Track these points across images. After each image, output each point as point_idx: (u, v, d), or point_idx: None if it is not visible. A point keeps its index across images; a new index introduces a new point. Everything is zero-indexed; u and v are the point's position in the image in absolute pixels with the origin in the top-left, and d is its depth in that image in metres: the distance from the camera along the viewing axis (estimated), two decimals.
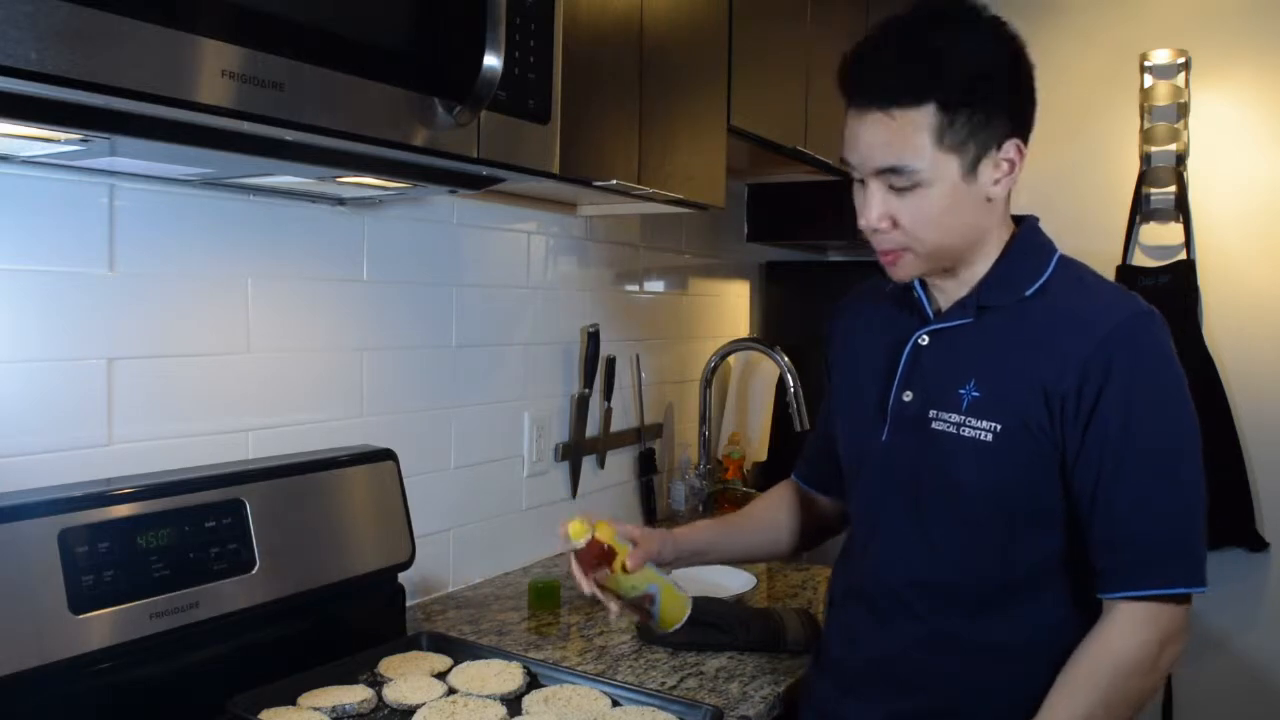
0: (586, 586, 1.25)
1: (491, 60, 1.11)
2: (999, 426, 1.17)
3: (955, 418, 1.20)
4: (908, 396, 1.24)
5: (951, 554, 1.21)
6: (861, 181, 1.18)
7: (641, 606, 1.27)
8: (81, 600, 1.13)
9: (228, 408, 1.46)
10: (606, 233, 2.29)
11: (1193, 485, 1.15)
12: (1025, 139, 1.18)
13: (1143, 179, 2.83)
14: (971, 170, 1.14)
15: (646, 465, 2.46)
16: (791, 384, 2.45)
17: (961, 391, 1.20)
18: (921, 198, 1.14)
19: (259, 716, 1.20)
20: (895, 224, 1.17)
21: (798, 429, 2.43)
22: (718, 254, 2.82)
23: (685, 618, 1.29)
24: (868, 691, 1.26)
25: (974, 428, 1.18)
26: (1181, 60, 2.79)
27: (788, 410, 2.46)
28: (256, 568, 1.32)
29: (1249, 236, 2.78)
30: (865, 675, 1.27)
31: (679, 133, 1.83)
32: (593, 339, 2.17)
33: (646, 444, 2.47)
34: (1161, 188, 2.82)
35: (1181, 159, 2.80)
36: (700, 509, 2.51)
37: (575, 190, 1.81)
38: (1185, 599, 1.14)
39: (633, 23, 1.68)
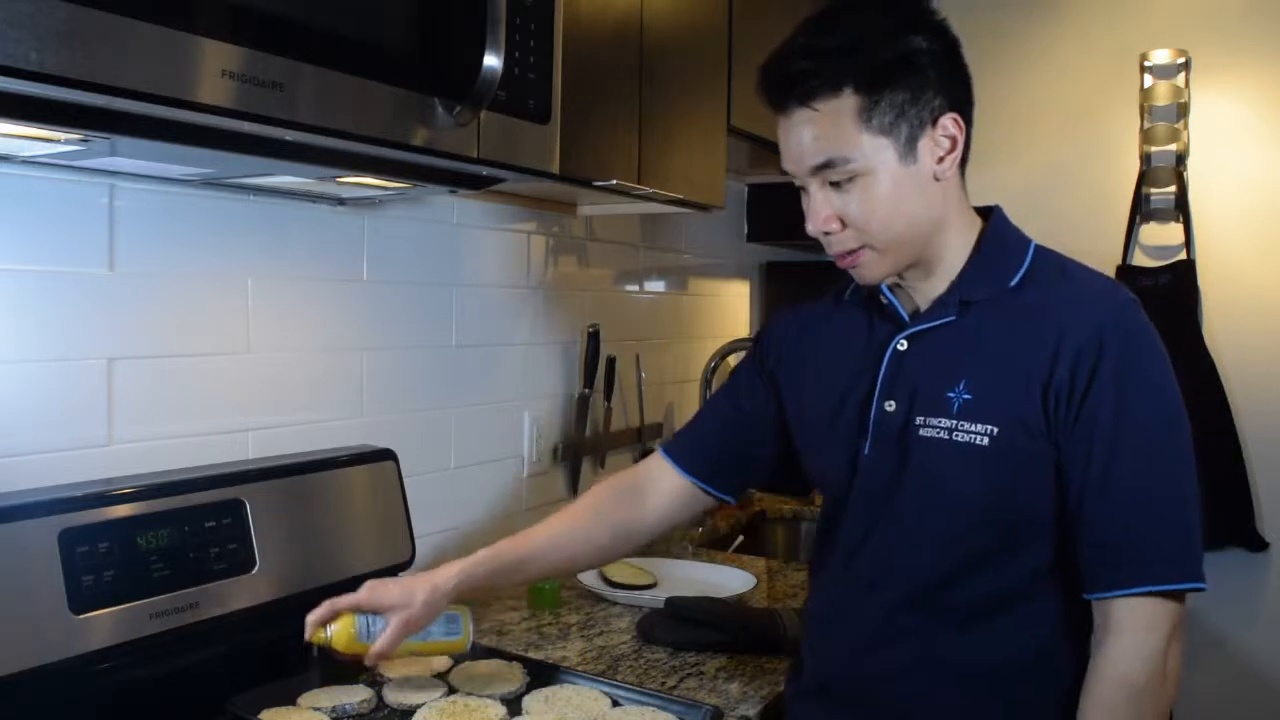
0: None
1: (491, 60, 1.11)
2: (995, 429, 1.11)
3: (945, 423, 1.14)
4: (890, 406, 1.18)
5: (937, 566, 1.16)
6: (805, 189, 1.16)
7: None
8: (81, 600, 1.13)
9: (228, 408, 1.46)
10: (606, 233, 2.29)
11: (1187, 478, 1.10)
12: (965, 114, 1.14)
13: (1143, 179, 2.83)
14: (909, 151, 1.11)
15: None
16: None
17: (951, 395, 1.14)
18: (863, 188, 1.11)
19: (259, 716, 1.20)
20: (844, 223, 1.14)
21: None
22: (718, 254, 2.82)
23: (467, 648, 1.32)
24: (854, 713, 1.22)
25: (967, 432, 1.12)
26: (1181, 60, 2.79)
27: None
28: (256, 568, 1.32)
29: (1249, 236, 2.78)
30: (850, 698, 1.22)
31: (679, 133, 1.83)
32: (593, 339, 2.17)
33: (646, 444, 2.46)
34: (1161, 188, 2.81)
35: (1181, 159, 2.80)
36: None
37: (575, 190, 1.81)
38: (1181, 597, 1.09)
39: (633, 23, 1.69)
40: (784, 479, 1.48)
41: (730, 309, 2.92)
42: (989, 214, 1.22)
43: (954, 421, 1.14)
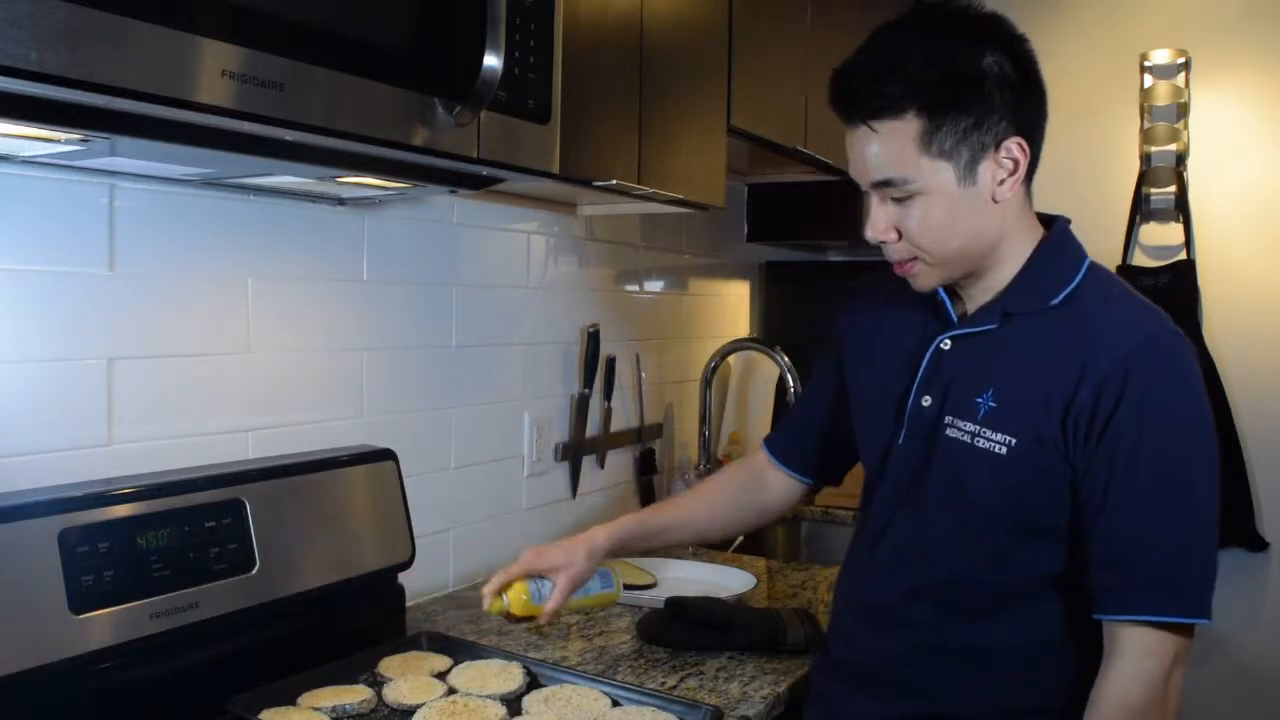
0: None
1: (491, 60, 1.11)
2: (1013, 440, 1.14)
3: (970, 426, 1.17)
4: (926, 401, 1.22)
5: (952, 561, 1.20)
6: (867, 194, 1.17)
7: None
8: (81, 600, 1.13)
9: (228, 408, 1.46)
10: (606, 233, 2.29)
11: (1203, 515, 1.10)
12: (1031, 137, 1.14)
13: (1143, 179, 2.83)
14: (969, 174, 1.12)
15: (646, 465, 2.46)
16: (791, 384, 2.44)
17: (979, 400, 1.17)
18: (921, 207, 1.13)
19: (259, 716, 1.20)
20: (901, 234, 1.16)
21: None
22: (718, 254, 2.82)
23: (619, 598, 1.50)
24: (870, 691, 1.26)
25: (988, 439, 1.15)
26: (1181, 60, 2.79)
27: (788, 410, 2.46)
28: (256, 568, 1.31)
29: (1249, 236, 2.78)
30: (866, 677, 1.27)
31: (679, 133, 1.83)
32: (593, 339, 2.17)
33: (646, 444, 2.47)
34: (1161, 188, 2.81)
35: (1181, 159, 2.80)
36: None
37: (575, 190, 1.81)
38: (1187, 628, 1.10)
39: (633, 23, 1.68)
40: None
41: (730, 309, 2.92)
42: (1053, 221, 1.23)
43: (977, 427, 1.16)
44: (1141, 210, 2.84)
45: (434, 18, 1.11)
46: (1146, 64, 2.83)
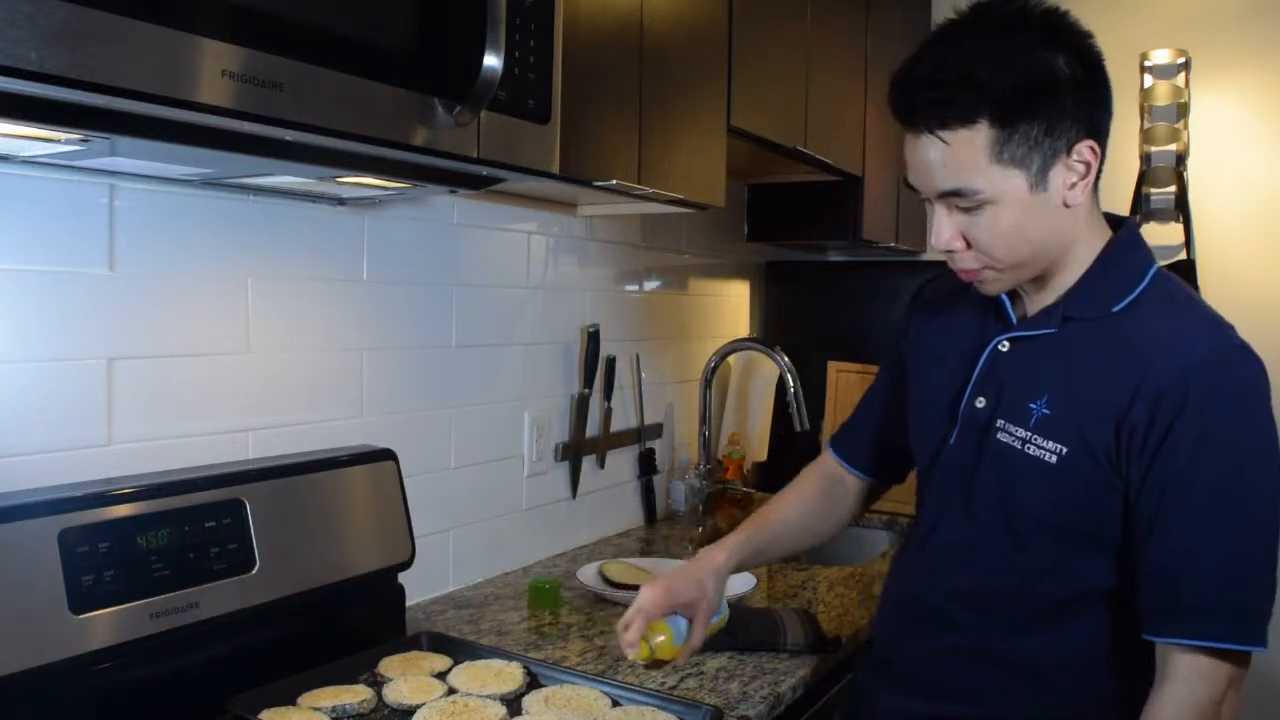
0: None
1: (491, 60, 1.11)
2: (1064, 449, 1.11)
3: (1021, 432, 1.14)
4: (980, 402, 1.20)
5: (998, 568, 1.18)
6: (930, 202, 1.14)
7: None
8: (81, 600, 1.13)
9: (228, 408, 1.46)
10: (606, 233, 2.29)
11: (1262, 539, 1.07)
12: (1099, 138, 1.11)
13: (1143, 179, 2.83)
14: (1040, 181, 1.08)
15: (646, 465, 2.46)
16: (791, 384, 2.44)
17: (1032, 406, 1.14)
18: (991, 216, 1.09)
19: (259, 716, 1.20)
20: (969, 244, 1.12)
21: (798, 429, 2.43)
22: (718, 254, 2.82)
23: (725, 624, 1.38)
24: (908, 690, 1.26)
25: (1039, 447, 1.13)
26: (1181, 60, 2.79)
27: (788, 410, 2.46)
28: (256, 568, 1.31)
29: (1249, 236, 2.78)
30: (906, 675, 1.27)
31: (679, 133, 1.83)
32: (593, 339, 2.17)
33: (646, 444, 2.47)
34: (1161, 188, 2.81)
35: (1181, 159, 2.80)
36: (700, 509, 2.51)
37: (575, 190, 1.81)
38: (1242, 656, 1.07)
39: (633, 23, 1.68)
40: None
41: (730, 309, 2.92)
42: (1122, 223, 1.20)
43: (1029, 433, 1.14)
44: (1141, 210, 2.84)
45: (434, 18, 1.11)
46: (1146, 64, 2.83)
